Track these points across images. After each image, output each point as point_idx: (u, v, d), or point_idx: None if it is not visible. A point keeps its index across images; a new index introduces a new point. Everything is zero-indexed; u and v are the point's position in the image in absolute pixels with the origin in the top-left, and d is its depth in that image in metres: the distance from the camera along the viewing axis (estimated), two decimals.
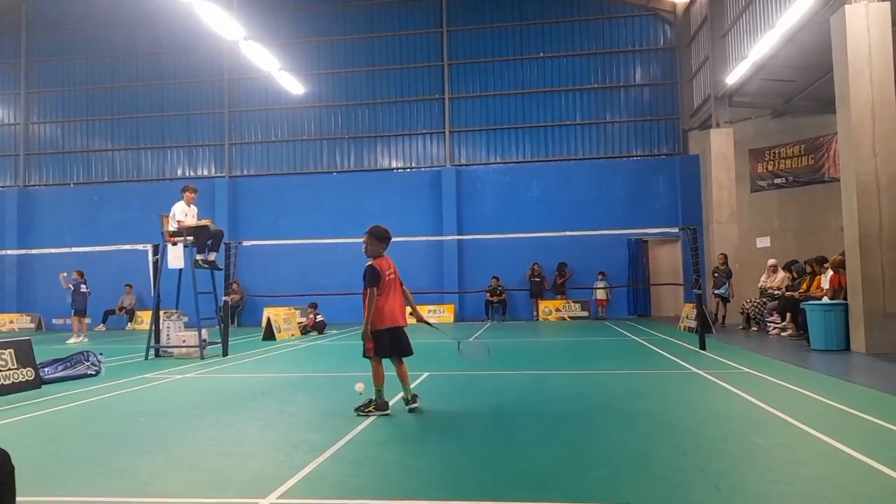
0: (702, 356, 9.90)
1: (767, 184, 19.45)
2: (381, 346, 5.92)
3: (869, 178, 10.02)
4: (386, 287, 5.95)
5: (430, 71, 23.17)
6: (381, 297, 5.91)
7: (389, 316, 5.94)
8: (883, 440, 4.65)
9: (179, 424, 5.71)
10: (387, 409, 5.86)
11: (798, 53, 14.47)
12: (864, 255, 9.96)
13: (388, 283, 5.97)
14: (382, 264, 6.00)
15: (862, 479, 3.75)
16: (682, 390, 7.04)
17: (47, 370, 8.50)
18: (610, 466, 4.10)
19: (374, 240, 6.07)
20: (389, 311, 5.96)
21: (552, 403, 6.36)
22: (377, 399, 5.87)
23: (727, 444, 4.61)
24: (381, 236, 6.09)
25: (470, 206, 22.14)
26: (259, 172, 23.92)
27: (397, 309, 6.03)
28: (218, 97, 24.16)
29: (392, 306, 5.98)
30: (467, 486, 3.82)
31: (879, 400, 6.12)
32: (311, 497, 3.69)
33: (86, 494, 3.80)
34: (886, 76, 10.07)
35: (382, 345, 5.92)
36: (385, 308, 5.93)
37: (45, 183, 25.10)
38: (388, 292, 5.97)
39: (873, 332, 9.80)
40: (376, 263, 5.96)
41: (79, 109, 25.00)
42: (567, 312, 21.07)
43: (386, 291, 5.95)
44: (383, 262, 6.03)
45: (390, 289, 5.99)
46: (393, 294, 6.01)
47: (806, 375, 7.77)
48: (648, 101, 22.33)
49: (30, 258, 23.32)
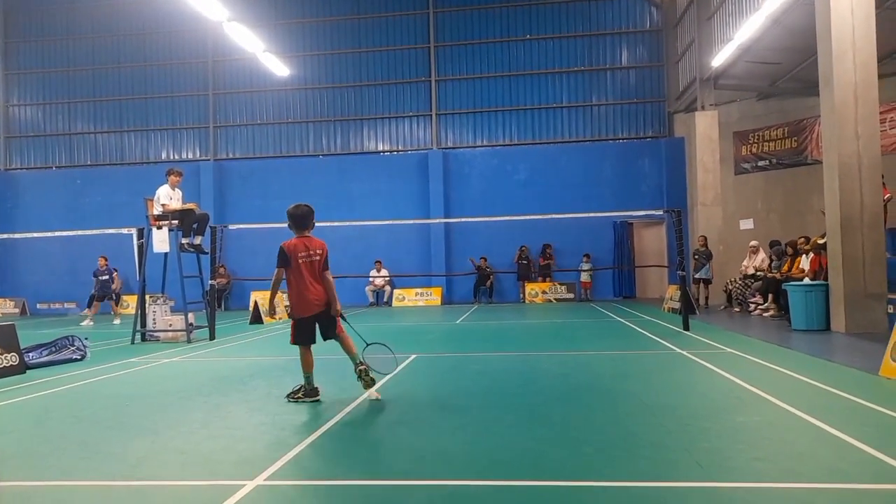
0: (685, 337, 10.02)
1: (751, 166, 19.59)
2: (303, 335, 5.68)
3: (851, 161, 10.11)
4: (302, 272, 5.60)
5: (417, 53, 23.01)
6: (297, 283, 5.61)
7: (307, 304, 5.62)
8: (861, 418, 4.75)
9: (167, 408, 5.72)
10: (316, 395, 5.69)
11: (783, 35, 14.52)
12: (845, 237, 10.08)
13: (303, 266, 5.61)
14: (299, 246, 5.65)
15: (841, 456, 3.84)
16: (666, 371, 7.13)
17: (32, 355, 8.45)
18: (596, 445, 4.17)
19: (288, 218, 5.79)
20: (308, 298, 5.61)
21: (539, 384, 6.43)
22: (306, 385, 5.73)
23: (710, 422, 4.70)
24: (292, 214, 5.77)
25: (457, 189, 22.12)
26: (245, 155, 23.72)
27: (317, 295, 5.64)
28: (202, 79, 23.86)
29: (311, 293, 5.61)
30: (457, 465, 3.87)
31: (859, 378, 6.24)
32: (300, 478, 3.72)
33: (74, 479, 3.81)
34: (870, 58, 10.13)
35: (305, 333, 5.68)
36: (305, 294, 5.60)
37: (26, 166, 24.74)
38: (306, 278, 5.60)
39: (854, 313, 9.96)
40: (290, 244, 5.65)
41: (60, 91, 24.60)
42: (553, 295, 21.18)
43: (302, 277, 5.59)
44: (301, 244, 5.67)
45: (308, 274, 5.62)
46: (312, 280, 5.62)
47: (787, 355, 7.89)
48: (635, 83, 22.33)
49: (13, 242, 23.04)
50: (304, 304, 5.64)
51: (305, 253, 5.65)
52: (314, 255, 5.69)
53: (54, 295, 23.23)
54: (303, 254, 5.64)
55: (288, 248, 5.63)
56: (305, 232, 5.78)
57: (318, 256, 5.72)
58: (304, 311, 5.66)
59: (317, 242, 5.79)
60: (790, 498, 3.22)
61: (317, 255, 5.71)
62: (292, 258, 5.61)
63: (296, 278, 5.64)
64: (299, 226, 5.78)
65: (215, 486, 3.56)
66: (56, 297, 23.18)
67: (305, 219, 5.79)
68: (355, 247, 21.44)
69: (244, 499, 3.35)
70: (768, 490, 3.33)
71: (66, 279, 22.98)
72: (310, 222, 5.82)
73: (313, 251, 5.70)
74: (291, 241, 5.71)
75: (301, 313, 5.67)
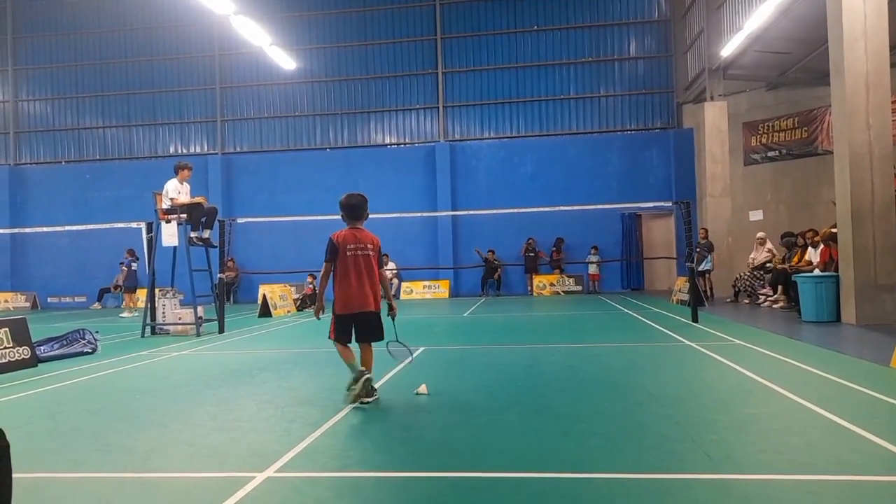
0: (694, 329, 9.99)
1: (761, 157, 19.44)
2: (340, 332, 5.31)
3: (862, 151, 10.02)
4: (349, 265, 5.27)
5: (424, 45, 22.93)
6: (343, 277, 5.28)
7: (350, 300, 5.27)
8: (872, 409, 4.72)
9: (177, 401, 5.75)
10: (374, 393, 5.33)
11: (793, 25, 14.38)
12: (855, 228, 10.00)
13: (350, 260, 5.28)
14: (349, 238, 5.34)
15: (851, 447, 3.81)
16: (675, 362, 7.11)
17: (43, 348, 8.52)
18: (604, 437, 4.16)
19: (341, 209, 5.49)
20: (352, 294, 5.26)
21: (547, 376, 6.43)
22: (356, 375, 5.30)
23: (719, 414, 4.68)
24: (342, 204, 5.48)
25: (464, 182, 22.08)
26: (252, 149, 23.75)
27: (362, 292, 5.27)
28: (209, 73, 23.89)
29: (354, 290, 5.26)
30: (464, 457, 3.87)
31: (869, 370, 6.20)
32: (309, 470, 3.73)
33: (85, 470, 3.84)
34: (882, 46, 10.02)
35: (344, 331, 5.31)
36: (349, 290, 5.27)
37: (36, 161, 24.88)
38: (353, 272, 5.27)
39: (864, 304, 9.89)
40: (340, 235, 5.35)
41: (68, 86, 24.69)
42: (561, 287, 21.15)
43: (349, 271, 5.27)
44: (351, 236, 5.36)
45: (355, 268, 5.28)
46: (358, 275, 5.27)
47: (797, 347, 7.85)
48: (643, 74, 22.19)
49: (23, 237, 23.22)
50: (346, 301, 5.28)
51: (354, 245, 5.32)
52: (366, 249, 5.36)
53: (64, 289, 23.40)
54: (351, 246, 5.31)
55: (337, 239, 5.32)
56: (358, 223, 5.47)
57: (371, 251, 5.39)
58: (345, 308, 5.29)
59: (369, 236, 5.46)
60: (799, 490, 3.21)
61: (368, 249, 5.37)
62: (341, 249, 5.30)
63: (342, 272, 5.30)
64: (352, 216, 5.46)
65: (225, 479, 3.58)
66: (66, 290, 23.36)
67: (358, 209, 5.46)
68: None
69: (254, 491, 3.36)
70: (777, 482, 3.31)
71: (75, 273, 23.18)
72: (363, 213, 5.49)
73: (364, 244, 5.37)
74: (341, 232, 5.38)
75: (342, 310, 5.30)
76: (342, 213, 5.51)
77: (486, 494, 3.29)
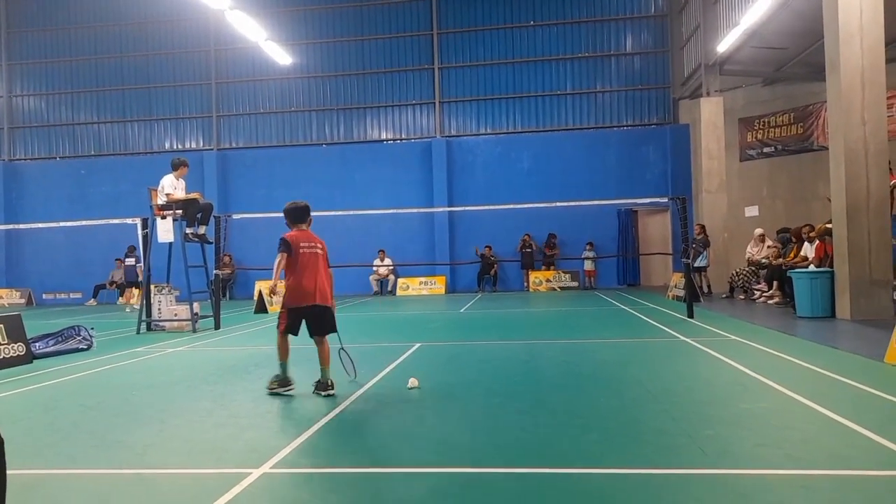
0: (690, 324, 10.01)
1: (757, 153, 19.47)
2: (293, 325, 5.71)
3: (857, 146, 10.04)
4: (302, 262, 5.64)
5: (420, 40, 22.88)
6: (296, 274, 5.63)
7: (303, 294, 5.62)
8: (866, 404, 4.74)
9: (173, 397, 5.75)
10: (290, 385, 5.70)
11: (790, 20, 14.38)
12: (850, 223, 10.02)
13: (303, 256, 5.65)
14: (300, 237, 5.75)
15: (845, 442, 3.84)
16: (671, 358, 7.13)
17: (38, 345, 8.51)
18: (600, 432, 4.18)
19: (285, 215, 5.89)
20: (305, 288, 5.62)
21: (543, 372, 6.44)
22: (281, 374, 5.74)
23: (714, 409, 4.70)
24: (289, 210, 5.89)
25: (461, 178, 22.06)
26: (248, 145, 23.68)
27: (314, 287, 5.64)
28: (205, 68, 23.79)
29: (307, 284, 5.62)
30: (460, 453, 3.88)
31: (864, 365, 6.23)
32: (306, 466, 3.74)
33: (82, 466, 3.84)
34: (877, 42, 10.02)
35: (295, 323, 5.71)
36: (304, 285, 5.62)
37: (30, 157, 24.77)
38: (304, 269, 5.64)
39: (858, 300, 9.92)
40: (291, 236, 5.73)
41: (63, 81, 24.56)
42: (557, 283, 21.17)
43: (301, 267, 5.63)
44: (301, 236, 5.77)
45: (308, 265, 5.65)
46: (311, 271, 5.65)
47: (792, 342, 7.88)
48: (639, 69, 22.18)
49: (18, 233, 23.13)
50: (299, 295, 5.63)
51: (306, 243, 5.73)
52: (316, 248, 5.77)
53: (60, 285, 23.34)
54: (304, 244, 5.71)
55: (291, 238, 5.70)
56: (302, 226, 5.87)
57: (320, 250, 5.80)
58: (298, 301, 5.65)
59: (316, 237, 5.88)
60: (794, 484, 3.23)
61: (317, 247, 5.79)
62: (294, 247, 5.65)
63: (295, 268, 5.65)
64: (296, 220, 5.87)
65: (222, 474, 3.58)
66: (62, 287, 23.29)
67: (303, 213, 5.88)
68: (359, 236, 21.45)
69: (250, 486, 3.37)
70: (772, 476, 3.33)
71: (71, 269, 23.10)
72: (307, 217, 5.91)
73: (314, 243, 5.79)
74: (292, 233, 5.79)
75: (294, 303, 5.66)
76: (287, 219, 5.90)
77: (482, 489, 3.30)
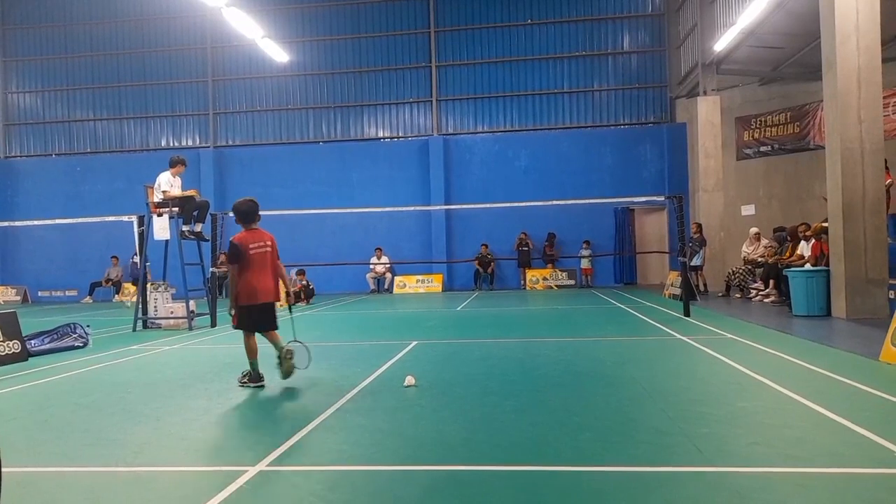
0: (686, 323, 10.03)
1: (753, 152, 19.50)
2: (245, 321, 5.92)
3: (853, 146, 10.06)
4: (252, 262, 5.86)
5: (417, 38, 22.85)
6: (247, 273, 5.84)
7: (254, 293, 5.86)
8: (861, 402, 4.76)
9: (169, 395, 5.74)
10: (261, 381, 5.89)
11: (787, 19, 14.40)
12: (847, 222, 10.05)
13: (254, 258, 5.87)
14: (249, 238, 5.92)
15: (841, 440, 3.85)
16: (667, 356, 7.14)
17: (34, 342, 8.48)
18: (596, 431, 4.18)
19: (235, 213, 6.09)
20: (256, 287, 5.86)
21: (540, 370, 6.44)
22: (252, 371, 5.94)
23: (710, 407, 4.71)
24: (238, 209, 6.06)
25: (458, 176, 22.05)
26: (245, 142, 23.63)
27: (265, 285, 5.92)
28: (202, 66, 23.73)
29: (259, 282, 5.87)
30: (457, 451, 3.88)
31: (859, 364, 6.24)
32: (301, 464, 3.74)
33: (77, 464, 3.83)
34: (874, 42, 10.05)
35: (246, 320, 5.92)
36: (251, 284, 5.85)
37: (26, 154, 24.68)
38: (256, 268, 5.87)
39: (855, 298, 9.95)
40: (241, 238, 5.90)
41: (59, 78, 24.48)
42: (554, 281, 21.19)
43: (252, 267, 5.85)
44: (251, 237, 5.95)
45: (258, 264, 5.89)
46: (261, 270, 5.90)
47: (788, 340, 7.90)
48: (636, 68, 22.18)
49: (13, 230, 23.05)
50: (252, 293, 5.86)
51: (255, 244, 5.93)
52: (265, 246, 5.99)
53: (55, 283, 23.28)
54: (252, 245, 5.91)
55: (240, 242, 5.88)
56: (252, 225, 6.07)
57: (269, 247, 6.01)
58: (251, 299, 5.87)
59: (266, 235, 6.08)
60: (789, 482, 3.23)
61: (266, 246, 6.00)
62: (244, 250, 5.84)
63: (247, 269, 5.85)
64: (246, 220, 6.05)
65: (217, 472, 3.58)
66: (57, 284, 23.23)
67: (251, 213, 6.06)
68: (356, 234, 21.44)
69: (246, 484, 3.36)
70: (768, 474, 3.34)
71: (67, 267, 23.04)
72: (255, 216, 6.10)
73: (263, 242, 5.99)
74: (240, 235, 5.97)
75: (248, 301, 5.87)
76: (237, 218, 6.11)
77: (479, 487, 3.29)
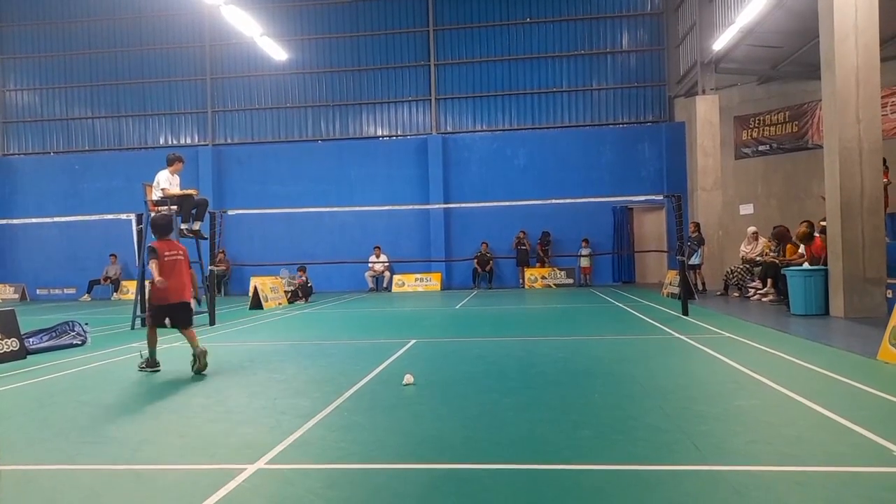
0: (684, 321, 10.04)
1: (752, 151, 19.52)
2: (155, 318, 6.79)
3: (852, 145, 10.07)
4: (166, 268, 6.67)
5: (416, 37, 22.83)
6: (163, 276, 6.58)
7: (164, 295, 6.65)
8: (859, 401, 4.77)
9: (168, 392, 5.74)
10: (157, 366, 6.75)
11: (786, 18, 14.42)
12: (845, 221, 10.06)
13: (167, 263, 6.69)
14: (164, 247, 6.76)
15: (838, 439, 3.86)
16: (665, 355, 7.15)
17: (32, 340, 8.47)
18: (595, 429, 4.19)
19: (152, 227, 7.01)
20: (166, 290, 6.62)
21: (538, 368, 6.45)
22: (150, 357, 6.76)
23: (708, 406, 4.72)
24: (156, 223, 6.98)
25: (456, 174, 22.06)
26: (243, 140, 23.61)
27: (174, 289, 6.69)
28: (200, 64, 23.71)
29: (172, 285, 6.66)
30: (455, 449, 3.89)
31: (857, 363, 6.26)
32: (300, 462, 3.74)
33: (76, 463, 3.83)
34: (872, 41, 10.05)
35: (159, 318, 6.77)
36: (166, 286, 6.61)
37: (24, 152, 24.64)
38: (167, 273, 6.64)
39: (852, 297, 9.96)
40: (158, 245, 6.76)
41: (57, 76, 24.44)
42: (552, 280, 21.20)
43: (165, 272, 6.63)
44: (165, 246, 6.81)
45: (170, 270, 6.69)
46: (172, 275, 6.69)
47: (785, 339, 7.91)
48: (635, 67, 22.20)
49: (11, 228, 23.03)
50: (164, 295, 6.66)
51: (169, 252, 6.79)
52: (178, 255, 6.86)
53: (54, 280, 23.26)
54: (167, 252, 6.77)
55: (157, 247, 6.74)
56: (167, 237, 6.96)
57: (181, 256, 6.89)
58: (162, 300, 6.70)
59: (179, 245, 7.04)
60: (787, 481, 3.24)
61: (179, 254, 6.88)
62: (160, 255, 6.66)
63: (161, 274, 6.60)
64: (162, 233, 6.94)
65: (216, 470, 3.58)
66: (55, 282, 23.21)
67: (166, 228, 6.99)
68: (354, 232, 21.44)
69: (245, 482, 3.36)
70: (765, 473, 3.34)
71: (65, 265, 23.02)
72: (170, 230, 7.04)
73: (177, 251, 6.88)
74: (157, 243, 6.82)
75: (159, 301, 6.71)
76: (153, 231, 7.04)
77: (478, 485, 3.30)
